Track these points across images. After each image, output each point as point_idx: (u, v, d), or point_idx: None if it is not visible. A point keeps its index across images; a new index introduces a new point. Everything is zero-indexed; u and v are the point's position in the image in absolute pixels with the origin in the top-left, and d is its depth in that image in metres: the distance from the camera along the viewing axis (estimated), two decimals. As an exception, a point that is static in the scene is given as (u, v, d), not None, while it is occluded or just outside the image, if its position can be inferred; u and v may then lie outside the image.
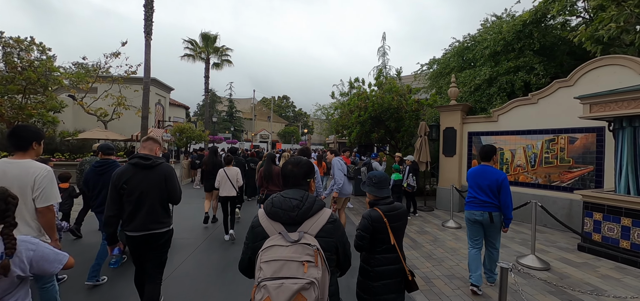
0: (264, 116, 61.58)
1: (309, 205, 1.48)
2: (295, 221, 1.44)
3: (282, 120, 65.48)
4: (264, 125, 58.10)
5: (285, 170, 1.65)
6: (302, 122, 65.33)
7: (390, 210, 2.22)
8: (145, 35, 11.62)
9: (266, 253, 1.32)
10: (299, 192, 1.54)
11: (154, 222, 2.59)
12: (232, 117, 53.14)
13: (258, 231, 1.47)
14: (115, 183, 2.53)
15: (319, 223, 1.46)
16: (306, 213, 1.46)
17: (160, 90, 20.51)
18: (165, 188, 2.63)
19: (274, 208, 1.47)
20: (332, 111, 34.99)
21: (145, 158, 2.59)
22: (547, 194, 6.81)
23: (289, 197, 1.50)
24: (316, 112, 41.33)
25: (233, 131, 45.02)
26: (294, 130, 59.06)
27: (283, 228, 1.41)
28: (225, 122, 50.59)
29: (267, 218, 1.47)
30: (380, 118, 9.61)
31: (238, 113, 55.26)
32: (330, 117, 35.31)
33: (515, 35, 8.76)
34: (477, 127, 8.20)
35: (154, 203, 2.57)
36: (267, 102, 64.78)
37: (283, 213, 1.44)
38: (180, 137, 16.82)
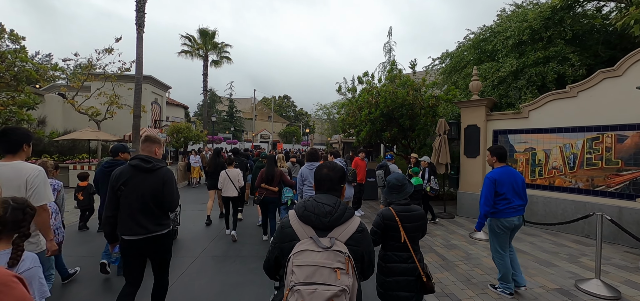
0: (264, 116, 60.91)
1: (341, 212, 1.48)
2: (326, 226, 1.43)
3: (283, 120, 64.79)
4: (265, 125, 57.39)
5: (320, 174, 1.64)
6: (303, 122, 64.66)
7: (404, 211, 2.29)
8: (137, 28, 10.80)
9: (298, 257, 1.31)
10: (332, 198, 1.54)
11: (152, 224, 2.51)
12: (233, 117, 52.42)
13: (288, 232, 1.47)
14: (113, 183, 2.49)
15: (349, 231, 1.46)
16: (338, 219, 1.46)
17: (156, 88, 19.68)
18: (162, 193, 2.54)
19: (307, 211, 1.46)
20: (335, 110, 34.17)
21: (145, 160, 2.51)
22: (589, 200, 5.94)
23: (322, 202, 1.50)
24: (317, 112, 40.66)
25: (233, 131, 44.15)
26: (295, 130, 58.35)
27: (314, 233, 1.41)
28: (225, 122, 49.81)
29: (298, 221, 1.47)
30: (392, 116, 8.75)
31: (238, 113, 54.54)
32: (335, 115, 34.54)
33: (543, 23, 7.89)
34: (503, 124, 7.33)
35: (151, 207, 2.50)
36: (267, 101, 64.10)
37: (315, 218, 1.44)
38: (177, 137, 15.96)
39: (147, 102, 18.55)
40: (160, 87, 20.30)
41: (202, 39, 20.02)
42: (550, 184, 6.53)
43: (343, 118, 11.33)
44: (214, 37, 20.28)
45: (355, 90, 10.60)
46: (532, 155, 6.83)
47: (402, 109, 8.38)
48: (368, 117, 8.75)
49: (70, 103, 13.91)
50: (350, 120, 11.12)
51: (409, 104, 8.36)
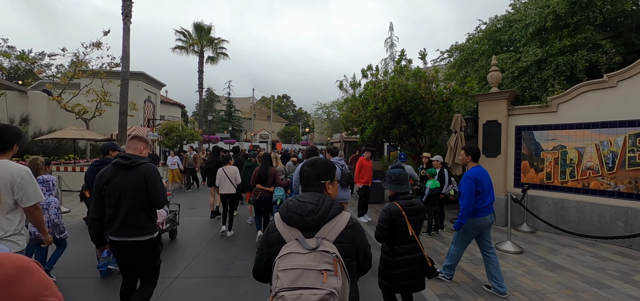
0: (263, 115, 60.20)
1: (326, 208, 1.39)
2: (311, 226, 1.34)
3: (282, 120, 64.15)
4: (264, 125, 56.67)
5: (302, 171, 1.57)
6: (302, 121, 63.98)
7: (409, 205, 2.38)
8: (123, 18, 10.00)
9: (283, 261, 1.24)
10: (315, 195, 1.44)
11: (134, 228, 2.40)
12: (231, 117, 51.60)
13: (274, 237, 1.39)
14: (97, 184, 2.43)
15: (338, 228, 1.37)
16: (322, 217, 1.36)
17: (149, 85, 18.81)
18: (145, 190, 2.42)
19: (289, 212, 1.38)
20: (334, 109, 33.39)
21: (125, 157, 2.44)
22: (632, 205, 5.17)
23: (304, 200, 1.41)
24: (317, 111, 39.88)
25: (231, 130, 43.35)
26: (295, 129, 57.59)
27: (300, 234, 1.32)
28: (223, 122, 48.99)
29: (283, 223, 1.38)
30: (401, 111, 7.97)
31: (237, 112, 53.73)
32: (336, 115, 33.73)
33: (568, 8, 7.10)
34: (528, 119, 6.54)
35: (134, 207, 2.40)
36: (266, 101, 63.38)
37: (299, 218, 1.35)
38: (169, 136, 15.13)
39: (140, 100, 17.70)
40: (154, 85, 19.45)
41: (197, 34, 19.20)
42: (584, 187, 5.75)
43: (345, 115, 10.53)
44: (209, 32, 19.45)
45: (358, 85, 9.80)
46: (562, 154, 6.04)
47: (413, 104, 7.59)
48: (374, 113, 7.96)
49: (55, 100, 13.08)
50: (353, 117, 10.32)
51: (419, 98, 7.57)
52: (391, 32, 21.14)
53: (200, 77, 19.57)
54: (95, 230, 2.46)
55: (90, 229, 2.50)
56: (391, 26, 20.99)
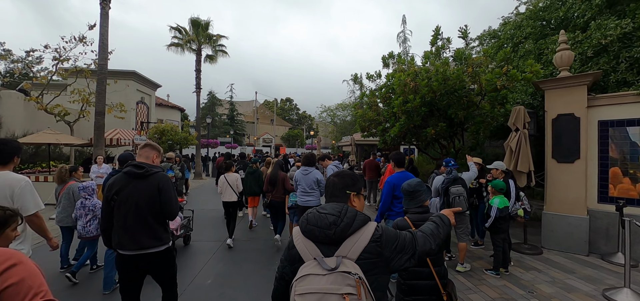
0: (266, 119, 58.99)
1: (349, 220, 1.24)
2: (332, 240, 1.21)
3: (286, 123, 62.93)
4: (267, 129, 55.38)
5: (327, 181, 1.47)
6: (306, 125, 62.66)
7: (421, 220, 2.03)
8: (100, 2, 8.54)
9: (300, 283, 1.11)
10: (336, 205, 1.30)
11: (148, 239, 2.30)
12: (234, 120, 50.30)
13: (293, 254, 1.26)
14: (106, 194, 2.34)
15: (361, 243, 1.21)
16: (345, 230, 1.22)
17: (143, 86, 17.39)
18: (158, 200, 2.33)
19: (309, 225, 1.26)
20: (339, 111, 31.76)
21: (138, 166, 2.35)
22: None
23: (325, 212, 1.27)
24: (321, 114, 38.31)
25: (233, 134, 41.96)
26: (299, 133, 56.13)
27: (318, 252, 1.20)
28: (225, 126, 47.65)
29: (301, 238, 1.27)
30: (437, 106, 6.33)
31: (240, 116, 52.41)
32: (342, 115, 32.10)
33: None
34: (618, 111, 4.87)
35: (146, 217, 2.29)
36: (270, 104, 62.19)
37: (319, 231, 1.23)
38: (161, 140, 13.60)
39: (131, 101, 16.26)
40: (148, 85, 18.04)
41: (194, 31, 17.74)
42: None
43: (361, 113, 8.91)
44: (207, 29, 17.98)
45: (379, 76, 8.17)
46: (678, 158, 4.36)
47: (454, 95, 5.93)
48: (403, 108, 6.33)
49: (32, 101, 11.64)
50: (370, 115, 8.71)
51: (461, 88, 5.92)
52: (404, 25, 19.57)
53: (197, 76, 18.08)
54: (106, 239, 2.42)
55: (104, 240, 2.46)
56: (404, 19, 19.44)
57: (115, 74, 15.17)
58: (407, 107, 6.29)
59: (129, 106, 15.58)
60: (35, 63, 23.31)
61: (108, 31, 8.92)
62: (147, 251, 2.29)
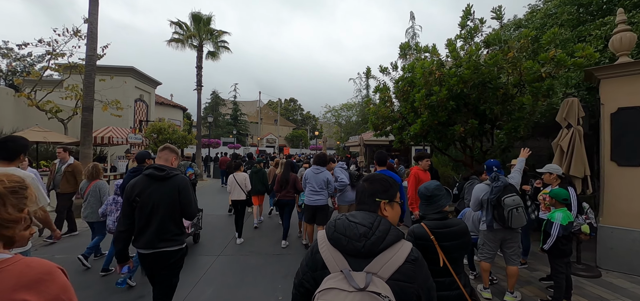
0: (270, 120, 58.44)
1: (381, 234, 1.11)
2: (361, 254, 1.08)
3: (290, 124, 62.36)
4: (271, 129, 54.85)
5: (358, 186, 1.37)
6: (310, 125, 61.99)
7: (440, 226, 1.86)
8: (89, -14, 7.83)
9: (324, 298, 1.00)
10: (369, 216, 1.18)
11: (164, 240, 2.37)
12: (237, 120, 49.72)
13: (318, 259, 1.15)
14: (128, 195, 2.39)
15: (395, 261, 1.07)
16: (376, 244, 1.09)
17: (141, 83, 16.70)
18: (178, 201, 2.42)
19: (337, 233, 1.14)
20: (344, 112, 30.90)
21: (159, 169, 2.42)
22: None
23: (355, 221, 1.15)
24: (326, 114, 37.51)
25: (236, 134, 41.32)
26: (303, 133, 55.42)
27: (346, 264, 1.08)
28: (229, 126, 47.05)
29: (328, 245, 1.15)
30: (466, 99, 5.48)
31: (243, 116, 51.83)
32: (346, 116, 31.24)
33: None
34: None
35: (165, 219, 2.38)
36: (273, 105, 61.64)
37: (347, 242, 1.10)
38: (157, 139, 12.88)
39: (129, 99, 15.59)
40: (147, 82, 17.36)
41: (195, 26, 17.03)
42: None
43: (375, 109, 8.08)
44: (209, 24, 17.24)
45: (395, 67, 7.32)
46: None
47: (488, 87, 5.06)
48: (427, 102, 5.47)
49: (23, 96, 10.99)
50: (384, 113, 7.86)
51: (496, 78, 5.05)
52: (412, 21, 18.68)
53: (198, 73, 17.35)
54: (121, 243, 2.40)
55: (116, 242, 2.44)
56: (412, 15, 18.55)
57: (112, 70, 14.51)
58: (430, 100, 5.43)
59: (126, 104, 14.94)
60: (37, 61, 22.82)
61: (97, 20, 8.20)
62: (163, 250, 2.37)
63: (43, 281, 0.85)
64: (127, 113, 15.28)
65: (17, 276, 0.83)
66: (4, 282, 0.82)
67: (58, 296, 0.86)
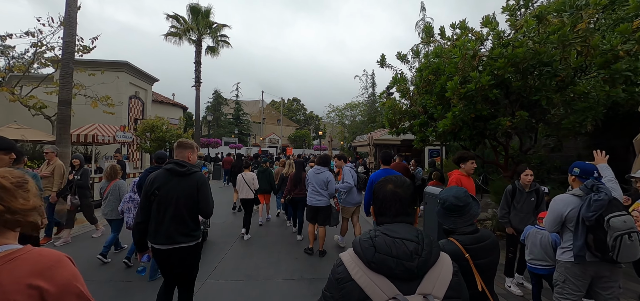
0: (273, 120, 57.61)
1: (429, 248, 0.96)
2: (413, 274, 0.92)
3: (293, 124, 61.53)
4: (273, 129, 54.02)
5: (384, 191, 1.12)
6: (313, 125, 61.10)
7: (474, 241, 1.49)
8: (67, -35, 6.91)
9: None
10: (410, 228, 1.02)
11: (181, 234, 2.39)
12: (239, 120, 48.89)
13: (350, 290, 0.94)
14: (147, 188, 2.41)
15: (445, 277, 0.96)
16: (427, 262, 0.94)
17: (136, 78, 15.78)
18: (196, 198, 2.44)
19: (380, 254, 0.94)
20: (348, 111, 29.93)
21: (180, 164, 2.45)
22: None
23: (400, 237, 0.97)
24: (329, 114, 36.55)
25: (238, 134, 40.47)
26: (306, 133, 54.48)
27: (393, 289, 0.90)
28: (230, 125, 46.22)
29: (366, 270, 0.94)
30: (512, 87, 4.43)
31: (245, 115, 51.01)
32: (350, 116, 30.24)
33: None
34: None
35: (183, 214, 2.40)
36: (276, 105, 60.84)
37: (396, 264, 0.92)
38: (150, 137, 11.94)
39: (123, 95, 14.69)
40: (143, 79, 16.44)
41: (194, 19, 16.12)
42: None
43: (391, 104, 7.06)
44: (208, 16, 16.31)
45: (417, 54, 6.30)
46: None
47: (546, 72, 4.01)
48: (462, 90, 4.44)
49: (4, 91, 10.10)
50: (401, 107, 6.86)
51: (554, 60, 4.00)
52: (423, 13, 17.59)
53: (197, 68, 16.44)
54: (139, 234, 2.45)
55: (134, 233, 2.50)
56: (423, 6, 17.48)
57: (104, 65, 13.62)
58: (467, 89, 4.40)
59: (119, 100, 14.04)
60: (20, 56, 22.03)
61: (77, 2, 7.27)
62: (179, 246, 2.37)
63: (54, 268, 0.91)
64: (121, 110, 14.38)
65: (31, 264, 0.89)
66: (19, 270, 0.87)
67: (69, 282, 0.92)
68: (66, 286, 0.90)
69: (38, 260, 0.89)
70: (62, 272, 0.91)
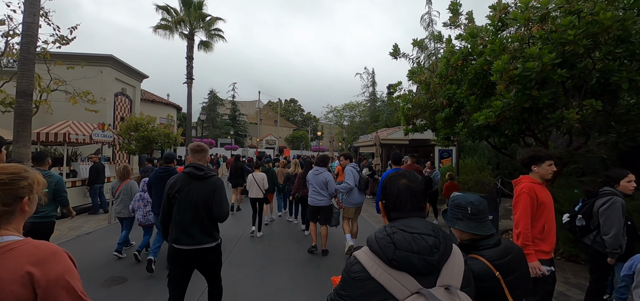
0: (270, 121, 56.66)
1: (445, 241, 0.99)
2: (433, 268, 0.94)
3: (290, 125, 60.64)
4: (271, 130, 53.08)
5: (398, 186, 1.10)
6: (311, 126, 60.19)
7: (501, 255, 1.30)
8: None
9: None
10: (427, 222, 1.04)
11: (203, 235, 2.52)
12: (235, 121, 47.75)
13: (370, 288, 0.94)
14: (169, 191, 2.53)
15: (459, 268, 0.99)
16: (446, 254, 0.98)
17: (123, 74, 14.61)
18: (211, 200, 2.53)
19: (401, 251, 0.94)
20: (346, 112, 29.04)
21: (198, 168, 2.57)
22: None
23: (419, 232, 0.98)
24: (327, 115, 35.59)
25: (234, 135, 39.34)
26: (303, 134, 53.50)
27: (416, 283, 0.91)
28: (226, 126, 45.06)
29: (384, 268, 0.94)
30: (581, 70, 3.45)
31: (242, 116, 49.85)
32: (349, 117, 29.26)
33: None
34: None
35: (202, 216, 2.51)
36: (273, 105, 59.84)
37: (417, 259, 0.93)
38: (134, 136, 10.83)
39: (108, 92, 13.57)
40: (131, 75, 15.27)
41: (185, 10, 15.04)
42: None
43: (407, 97, 6.08)
44: (200, 8, 15.28)
45: (439, 38, 5.32)
46: None
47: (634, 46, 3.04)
48: (515, 72, 3.46)
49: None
50: (418, 102, 5.89)
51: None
52: (429, 6, 16.65)
53: (189, 64, 15.35)
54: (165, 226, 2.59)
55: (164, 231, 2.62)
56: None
57: (85, 58, 12.49)
58: (524, 68, 3.40)
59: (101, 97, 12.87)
60: None
61: (40, -23, 6.20)
62: (201, 247, 2.49)
63: (48, 260, 0.94)
64: (105, 108, 13.26)
65: (27, 255, 0.93)
66: (16, 259, 0.92)
67: (61, 275, 0.94)
68: (56, 280, 0.93)
69: (33, 252, 0.94)
70: (56, 265, 0.95)
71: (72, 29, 10.49)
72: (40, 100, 10.02)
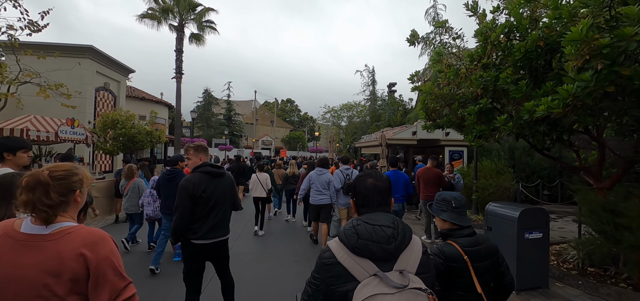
0: (266, 121, 55.54)
1: (403, 232, 1.12)
2: (391, 255, 1.07)
3: (287, 125, 59.59)
4: (267, 130, 51.99)
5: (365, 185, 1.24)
6: (308, 127, 59.23)
7: (473, 244, 1.60)
8: None
9: None
10: (388, 216, 1.18)
11: (224, 228, 2.76)
12: (231, 120, 46.61)
13: (337, 272, 1.07)
14: (193, 192, 2.57)
15: (416, 255, 1.11)
16: (402, 243, 1.10)
17: (107, 68, 13.44)
18: (231, 193, 2.82)
19: (363, 240, 1.08)
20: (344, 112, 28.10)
21: (216, 167, 2.74)
22: None
23: (379, 224, 1.12)
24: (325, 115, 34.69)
25: (229, 135, 38.20)
26: (300, 135, 52.50)
27: (374, 267, 1.04)
28: (221, 126, 43.88)
29: (349, 255, 1.08)
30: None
31: (237, 116, 48.69)
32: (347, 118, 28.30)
33: None
34: None
35: (226, 210, 2.76)
36: (270, 105, 58.78)
37: (377, 247, 1.07)
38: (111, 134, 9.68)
39: (87, 86, 12.40)
40: (115, 68, 14.09)
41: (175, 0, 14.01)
42: None
43: (429, 88, 5.10)
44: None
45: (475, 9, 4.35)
46: None
47: None
48: (601, 42, 2.49)
49: None
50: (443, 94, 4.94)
51: None
52: (434, 0, 15.78)
53: (178, 57, 14.24)
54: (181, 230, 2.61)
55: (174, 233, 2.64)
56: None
57: (61, 49, 11.32)
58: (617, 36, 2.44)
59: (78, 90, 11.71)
60: None
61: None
62: (222, 239, 2.74)
63: (99, 243, 1.15)
64: (84, 104, 12.12)
65: (81, 238, 1.13)
66: (73, 241, 1.12)
67: (107, 256, 1.14)
68: (104, 259, 1.13)
69: (87, 236, 1.14)
70: (104, 247, 1.15)
71: (43, 14, 9.36)
72: (7, 93, 8.90)
